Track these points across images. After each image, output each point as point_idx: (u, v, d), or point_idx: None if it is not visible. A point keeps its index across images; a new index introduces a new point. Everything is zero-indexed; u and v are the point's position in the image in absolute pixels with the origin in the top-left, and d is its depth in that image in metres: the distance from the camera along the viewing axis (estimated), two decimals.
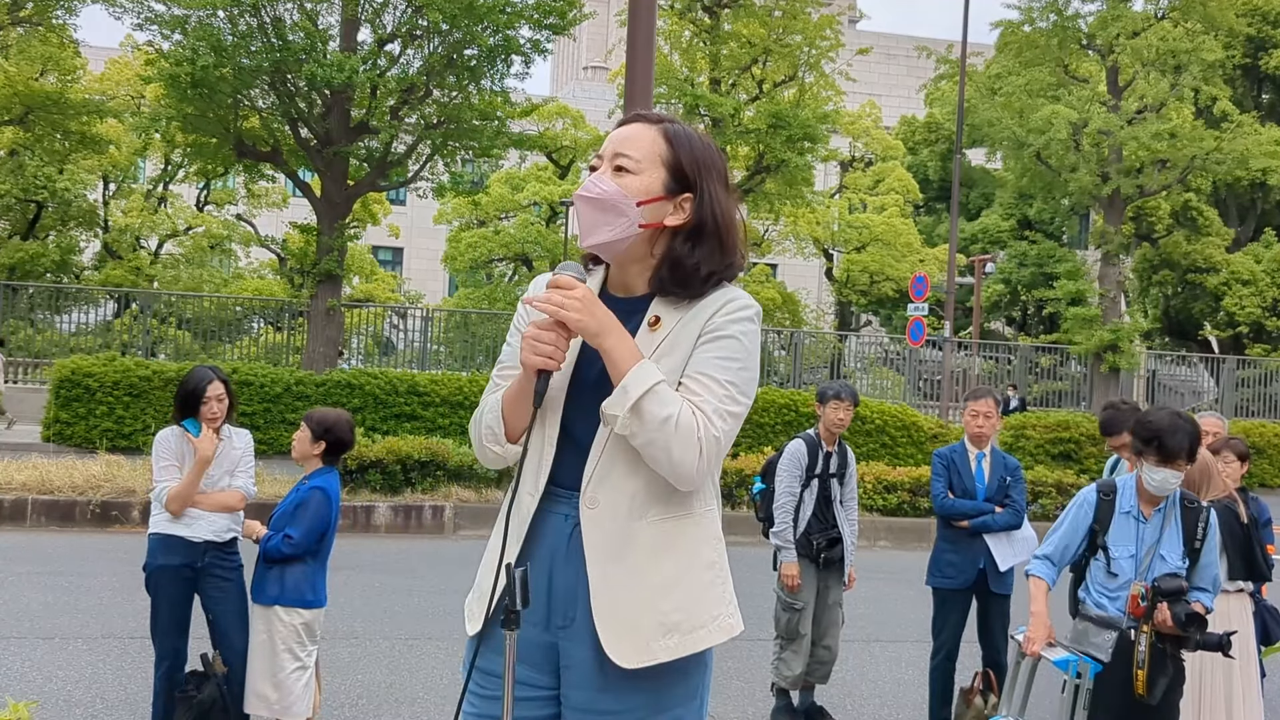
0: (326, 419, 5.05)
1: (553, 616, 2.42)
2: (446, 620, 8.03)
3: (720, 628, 2.44)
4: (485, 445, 2.49)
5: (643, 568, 2.37)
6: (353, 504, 11.80)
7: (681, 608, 2.39)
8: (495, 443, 2.47)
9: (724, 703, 6.47)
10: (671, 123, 2.49)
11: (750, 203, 27.30)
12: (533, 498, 2.44)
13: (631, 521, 2.37)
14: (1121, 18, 26.34)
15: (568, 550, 2.41)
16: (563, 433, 2.44)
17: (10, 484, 11.37)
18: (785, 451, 6.36)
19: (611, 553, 2.37)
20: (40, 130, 25.98)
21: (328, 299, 20.18)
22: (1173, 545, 4.61)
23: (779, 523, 6.23)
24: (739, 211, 2.54)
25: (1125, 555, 4.60)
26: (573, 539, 2.41)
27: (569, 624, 2.40)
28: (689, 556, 2.42)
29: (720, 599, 2.46)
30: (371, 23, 20.01)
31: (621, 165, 2.41)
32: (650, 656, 2.35)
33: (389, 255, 46.52)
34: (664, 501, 2.39)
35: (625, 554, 2.37)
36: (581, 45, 63.71)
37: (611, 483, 2.37)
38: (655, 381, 2.27)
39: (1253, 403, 27.65)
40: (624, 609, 2.36)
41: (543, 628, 2.42)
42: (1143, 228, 33.68)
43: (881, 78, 52.76)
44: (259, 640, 4.92)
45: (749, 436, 17.39)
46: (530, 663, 2.43)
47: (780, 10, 24.89)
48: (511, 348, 2.54)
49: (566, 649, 2.41)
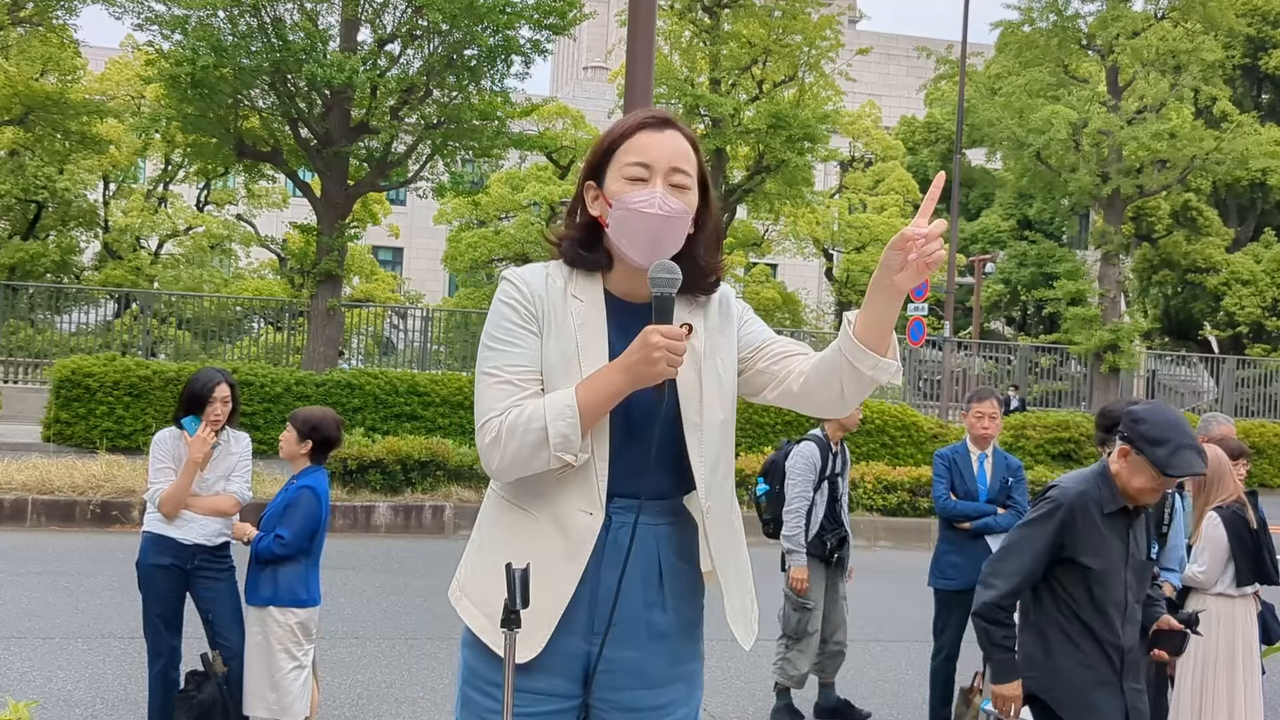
0: (312, 418, 5.05)
1: (594, 623, 2.39)
2: (446, 620, 8.02)
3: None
4: (555, 455, 2.29)
5: (741, 553, 2.56)
6: (353, 504, 11.80)
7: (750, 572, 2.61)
8: (568, 452, 2.29)
9: (724, 703, 6.47)
10: (687, 129, 2.50)
11: (750, 203, 27.32)
12: (601, 512, 2.36)
13: (730, 514, 2.53)
14: (1121, 18, 26.33)
15: (608, 554, 2.38)
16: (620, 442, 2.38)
17: (10, 484, 11.36)
18: (796, 454, 6.30)
19: (728, 550, 2.50)
20: (40, 130, 25.96)
21: (328, 299, 20.17)
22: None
23: (792, 527, 6.21)
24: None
25: None
26: (614, 543, 2.37)
27: (607, 628, 2.37)
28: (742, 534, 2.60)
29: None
30: (371, 23, 20.01)
31: (679, 183, 2.40)
32: (755, 628, 2.57)
33: (389, 255, 46.50)
34: (733, 487, 2.57)
35: (733, 547, 2.53)
36: (581, 45, 63.70)
37: (717, 485, 2.47)
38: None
39: (1253, 403, 27.64)
40: (738, 598, 2.51)
41: (582, 636, 2.39)
42: (1143, 228, 33.68)
43: (881, 78, 52.75)
44: (255, 641, 4.92)
45: (749, 436, 17.39)
46: (555, 670, 2.39)
47: (780, 10, 24.88)
48: (519, 348, 2.38)
49: (608, 654, 2.38)
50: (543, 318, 2.40)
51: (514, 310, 2.42)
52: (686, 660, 2.49)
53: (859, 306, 2.41)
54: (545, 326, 2.40)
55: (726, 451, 2.49)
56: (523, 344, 2.39)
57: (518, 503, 2.42)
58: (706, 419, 2.41)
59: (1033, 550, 3.70)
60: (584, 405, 2.28)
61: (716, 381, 2.45)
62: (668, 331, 2.23)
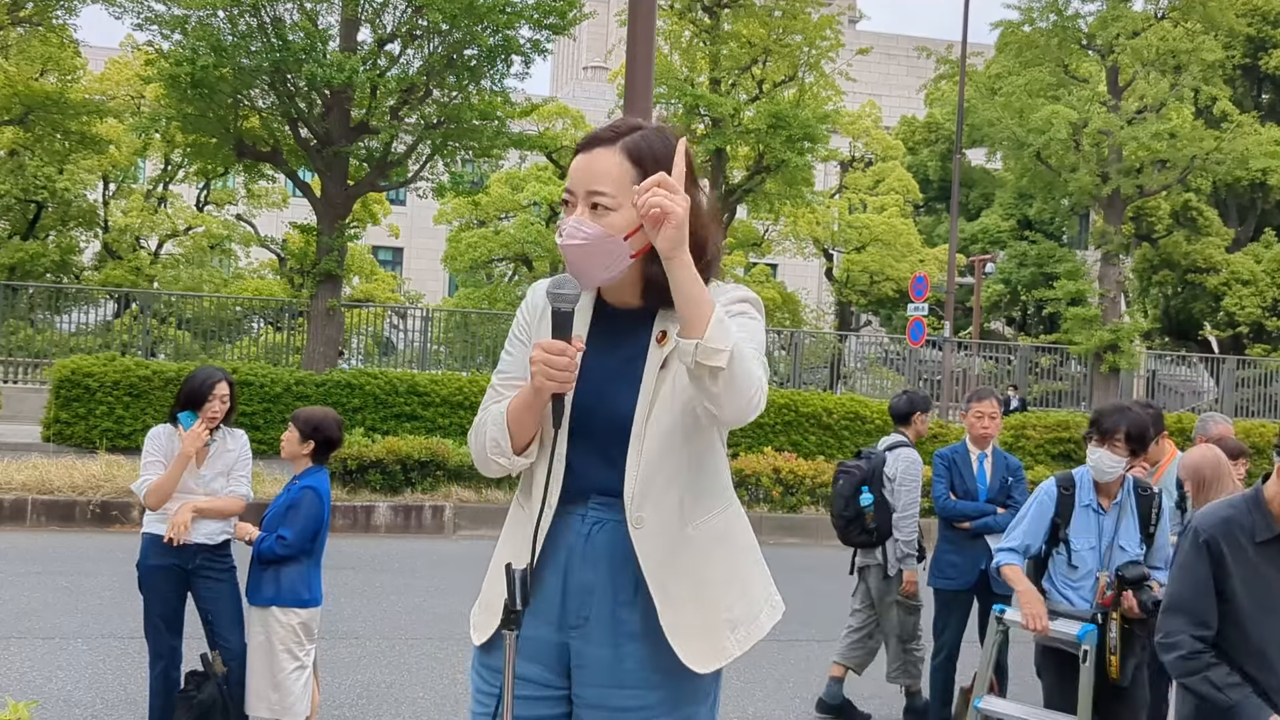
0: (314, 418, 5.05)
1: (566, 616, 2.43)
2: (446, 620, 8.02)
3: (773, 605, 2.53)
4: (490, 458, 2.45)
5: (701, 573, 2.41)
6: (353, 504, 11.80)
7: (741, 599, 2.46)
8: (501, 455, 2.43)
9: (724, 703, 6.44)
10: (629, 134, 2.39)
11: (750, 203, 27.30)
12: (550, 511, 2.43)
13: (682, 529, 2.40)
14: (1121, 18, 26.32)
15: (585, 549, 2.42)
16: (572, 441, 2.42)
17: (10, 484, 11.36)
18: (902, 459, 6.29)
19: (669, 567, 2.38)
20: (40, 130, 25.95)
21: (328, 299, 20.17)
22: (1130, 534, 4.77)
23: (909, 531, 6.25)
24: (707, 199, 2.47)
25: (1086, 547, 4.75)
26: (592, 539, 2.42)
27: (582, 624, 2.42)
28: (735, 548, 2.48)
29: (765, 577, 2.54)
30: (371, 23, 20.00)
31: (598, 203, 2.34)
32: (726, 656, 2.42)
33: (389, 255, 46.50)
34: (706, 501, 2.44)
35: (682, 564, 2.39)
36: (581, 45, 63.69)
37: (654, 497, 2.38)
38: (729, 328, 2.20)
39: (1253, 403, 27.63)
40: (692, 618, 2.38)
41: (555, 628, 2.44)
42: (1143, 228, 33.67)
43: (881, 78, 52.75)
44: (257, 641, 4.92)
45: (749, 436, 17.38)
46: (543, 663, 2.44)
47: (780, 10, 24.87)
48: (512, 357, 2.53)
49: (579, 648, 2.43)
50: (532, 326, 2.51)
51: (517, 321, 2.57)
52: (674, 670, 2.38)
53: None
54: (534, 335, 2.48)
55: (673, 464, 2.38)
56: (516, 353, 2.52)
57: (518, 496, 2.56)
58: (651, 429, 2.37)
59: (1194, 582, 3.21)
60: (509, 413, 2.41)
61: (671, 391, 2.38)
62: (548, 346, 2.25)
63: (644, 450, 2.37)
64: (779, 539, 12.71)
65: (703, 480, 2.43)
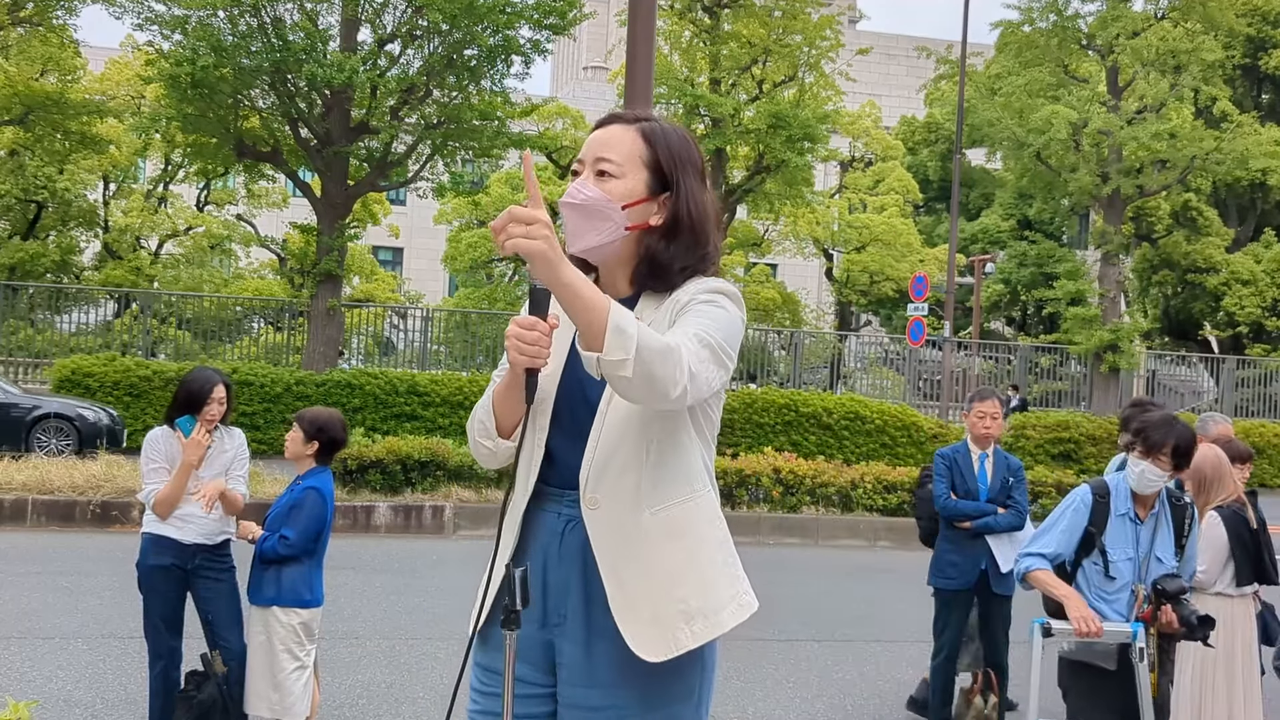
0: (319, 418, 5.05)
1: (548, 615, 2.44)
2: (446, 620, 8.02)
3: (740, 604, 2.45)
4: (478, 441, 2.48)
5: (654, 559, 2.37)
6: (353, 504, 11.80)
7: (698, 591, 2.39)
8: (486, 437, 2.46)
9: (724, 703, 6.47)
10: (648, 120, 2.49)
11: (750, 203, 27.31)
12: (524, 497, 2.45)
13: (637, 514, 2.37)
14: (1121, 18, 26.32)
15: (561, 548, 2.43)
16: (554, 430, 2.44)
17: (10, 484, 11.37)
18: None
19: (621, 550, 2.36)
20: (40, 130, 25.95)
21: (328, 299, 20.17)
22: (1166, 545, 4.59)
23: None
24: (712, 202, 2.52)
25: (1124, 558, 4.53)
26: (566, 536, 2.42)
27: (562, 621, 2.43)
28: (697, 539, 2.43)
29: (735, 576, 2.47)
30: (371, 23, 20.01)
31: (604, 170, 2.43)
32: (677, 646, 2.35)
33: (389, 255, 46.50)
34: (665, 488, 2.40)
35: (635, 549, 2.36)
36: (581, 45, 63.69)
37: (609, 480, 2.37)
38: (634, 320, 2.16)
39: (1253, 403, 27.63)
40: (643, 604, 2.35)
41: (539, 625, 2.44)
42: (1143, 228, 33.68)
43: (881, 78, 52.75)
44: (258, 641, 4.92)
45: (749, 436, 17.39)
46: (529, 661, 2.45)
47: (780, 10, 24.87)
48: None
49: (560, 646, 2.43)
50: None
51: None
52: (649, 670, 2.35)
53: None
54: None
55: (630, 447, 2.36)
56: None
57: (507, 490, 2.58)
58: (610, 411, 2.37)
59: None
60: (494, 395, 2.44)
61: None
62: (521, 321, 2.21)
63: (603, 431, 2.38)
64: (779, 539, 12.70)
65: (664, 467, 2.39)
